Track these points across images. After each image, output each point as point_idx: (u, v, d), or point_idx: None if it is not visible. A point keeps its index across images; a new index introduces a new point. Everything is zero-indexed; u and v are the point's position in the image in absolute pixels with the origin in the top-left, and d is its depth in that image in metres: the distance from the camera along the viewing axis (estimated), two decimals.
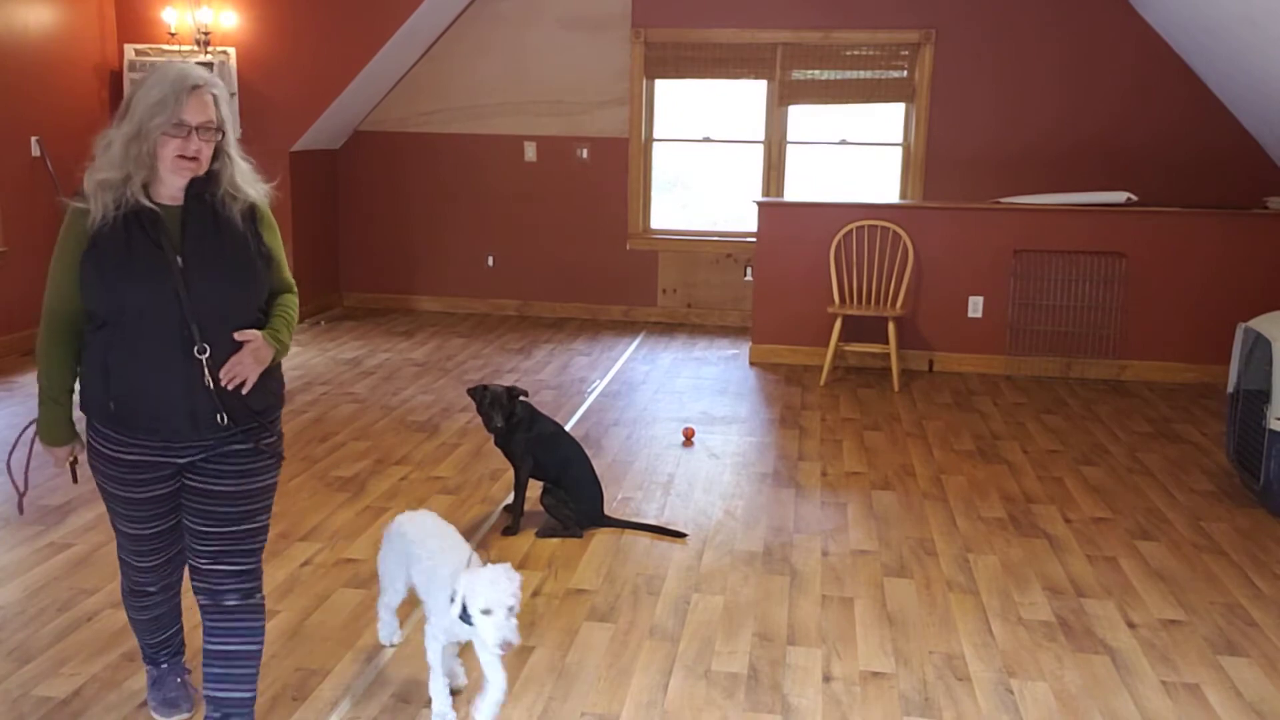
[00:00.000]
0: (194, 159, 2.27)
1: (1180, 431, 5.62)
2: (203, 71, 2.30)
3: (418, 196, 8.45)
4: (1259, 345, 4.47)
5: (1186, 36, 6.98)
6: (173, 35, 7.31)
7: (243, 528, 2.47)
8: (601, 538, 4.08)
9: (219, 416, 2.35)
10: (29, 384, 6.07)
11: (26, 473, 2.65)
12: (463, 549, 2.81)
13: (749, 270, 8.01)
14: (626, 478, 4.75)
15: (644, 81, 8.08)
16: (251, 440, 2.45)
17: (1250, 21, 5.76)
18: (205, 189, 2.34)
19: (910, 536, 4.13)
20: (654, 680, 3.04)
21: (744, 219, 8.04)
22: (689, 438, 5.31)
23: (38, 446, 2.55)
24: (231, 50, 7.44)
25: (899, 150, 7.98)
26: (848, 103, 7.90)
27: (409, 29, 7.50)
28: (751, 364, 7.02)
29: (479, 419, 4.15)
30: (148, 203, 2.29)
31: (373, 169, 8.40)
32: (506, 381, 6.02)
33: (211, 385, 2.32)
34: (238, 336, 2.35)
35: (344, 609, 3.43)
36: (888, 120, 7.99)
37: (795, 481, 4.74)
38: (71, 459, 2.51)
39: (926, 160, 7.78)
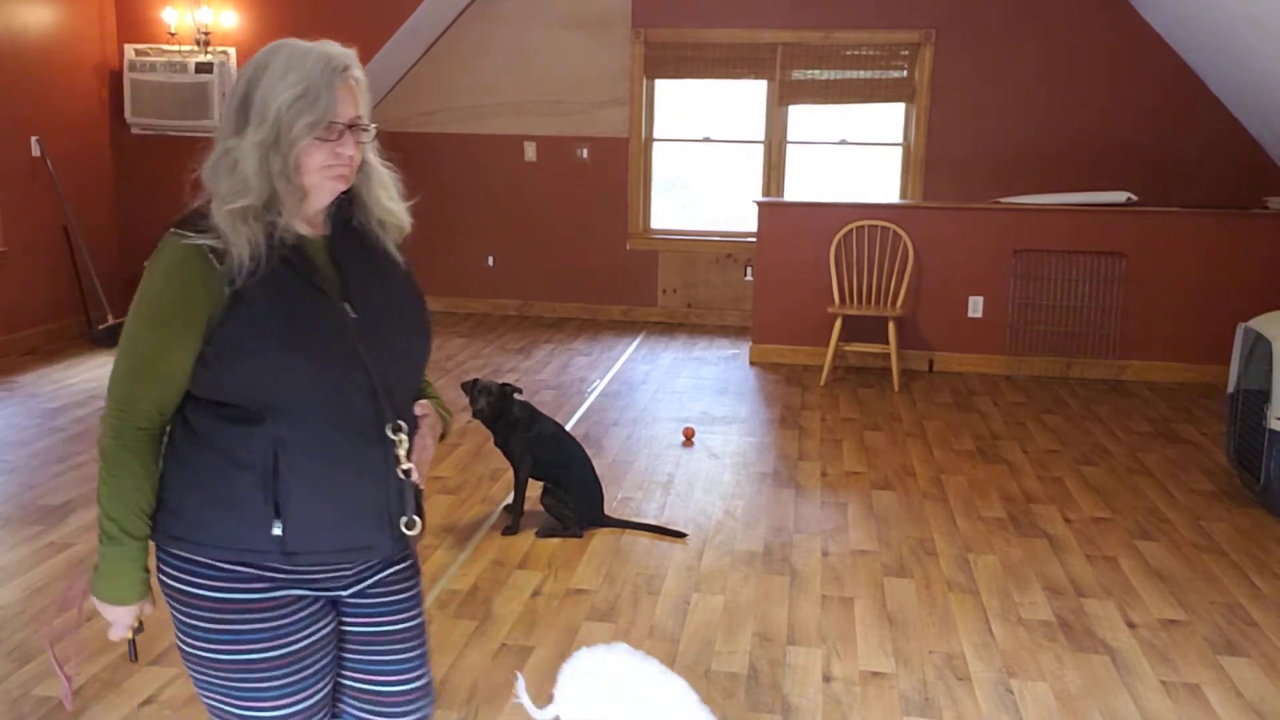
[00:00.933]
0: (346, 168, 1.67)
1: (1180, 431, 5.62)
2: (342, 48, 1.71)
3: (417, 196, 8.43)
4: (1259, 345, 4.47)
5: (1187, 36, 6.98)
6: (173, 35, 7.31)
7: (416, 685, 1.84)
8: (601, 538, 4.08)
9: (408, 519, 1.72)
10: (29, 384, 6.06)
11: (59, 655, 1.79)
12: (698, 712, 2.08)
13: (749, 270, 8.01)
14: (626, 478, 4.75)
15: (644, 81, 8.08)
16: (413, 551, 1.84)
17: (1252, 21, 5.76)
18: (350, 211, 1.76)
19: (910, 536, 4.13)
20: None
21: (744, 219, 8.04)
22: (689, 438, 5.31)
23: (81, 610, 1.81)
24: (232, 50, 7.44)
25: (899, 150, 7.97)
26: (848, 103, 7.89)
27: (409, 28, 7.50)
28: (751, 364, 7.02)
29: (478, 420, 4.15)
30: (306, 234, 1.67)
31: None
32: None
33: (406, 475, 1.71)
34: (418, 410, 1.75)
35: None
36: (887, 120, 7.99)
37: (795, 481, 4.74)
38: (137, 625, 1.71)
39: (926, 160, 7.78)
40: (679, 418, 5.69)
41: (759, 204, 7.06)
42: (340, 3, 7.40)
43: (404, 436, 1.69)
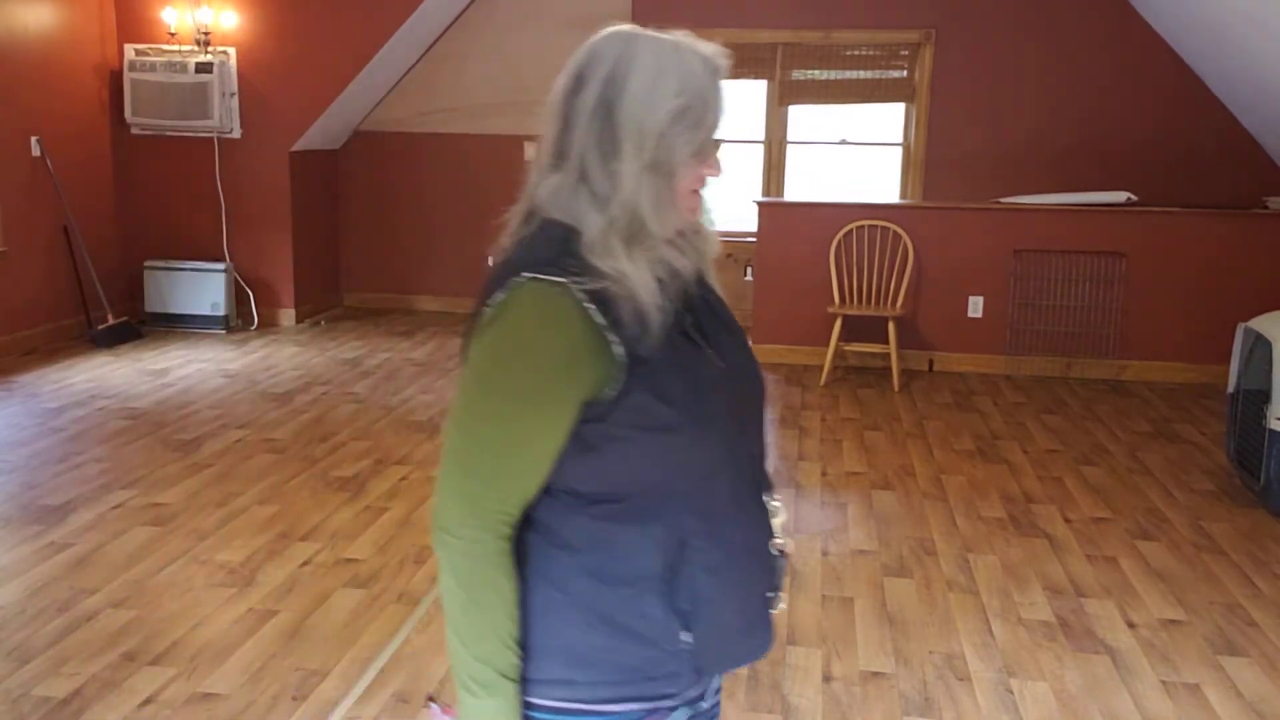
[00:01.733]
0: (700, 195, 1.36)
1: (1180, 431, 5.63)
2: (707, 42, 1.40)
3: (417, 196, 8.45)
4: (1259, 345, 4.47)
5: (1187, 36, 6.98)
6: (173, 35, 7.31)
7: None
8: None
9: (775, 596, 1.42)
10: (29, 384, 6.05)
11: None
12: None
13: (749, 270, 8.01)
14: None
15: None
16: None
17: (1252, 21, 5.76)
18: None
19: (910, 536, 4.13)
20: None
21: (744, 219, 8.04)
22: None
23: None
24: (231, 50, 7.43)
25: (899, 150, 7.97)
26: (848, 103, 7.89)
27: (409, 29, 7.50)
28: None
29: None
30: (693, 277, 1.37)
31: (373, 169, 8.39)
32: None
33: (782, 553, 1.42)
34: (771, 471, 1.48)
35: (344, 609, 3.43)
36: (888, 120, 7.99)
37: (795, 481, 4.74)
38: None
39: (926, 160, 7.78)
40: None
41: (759, 204, 7.06)
42: (340, 3, 7.40)
43: (778, 504, 1.40)
